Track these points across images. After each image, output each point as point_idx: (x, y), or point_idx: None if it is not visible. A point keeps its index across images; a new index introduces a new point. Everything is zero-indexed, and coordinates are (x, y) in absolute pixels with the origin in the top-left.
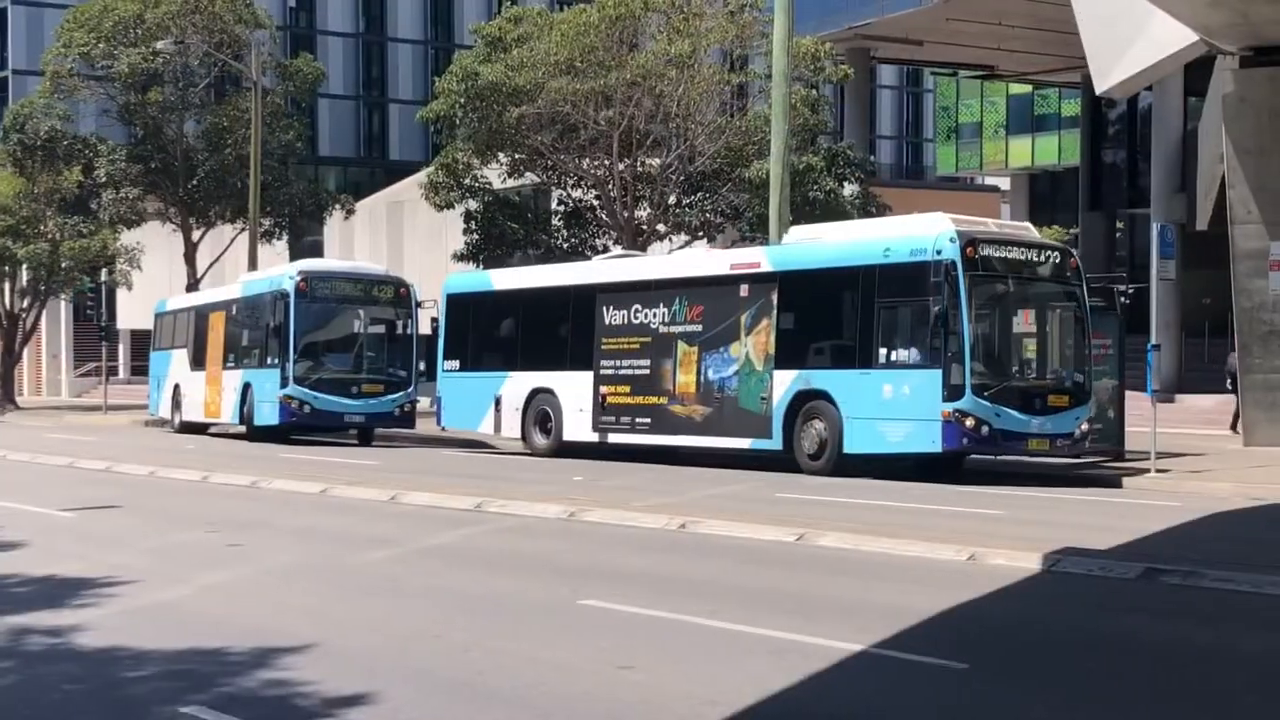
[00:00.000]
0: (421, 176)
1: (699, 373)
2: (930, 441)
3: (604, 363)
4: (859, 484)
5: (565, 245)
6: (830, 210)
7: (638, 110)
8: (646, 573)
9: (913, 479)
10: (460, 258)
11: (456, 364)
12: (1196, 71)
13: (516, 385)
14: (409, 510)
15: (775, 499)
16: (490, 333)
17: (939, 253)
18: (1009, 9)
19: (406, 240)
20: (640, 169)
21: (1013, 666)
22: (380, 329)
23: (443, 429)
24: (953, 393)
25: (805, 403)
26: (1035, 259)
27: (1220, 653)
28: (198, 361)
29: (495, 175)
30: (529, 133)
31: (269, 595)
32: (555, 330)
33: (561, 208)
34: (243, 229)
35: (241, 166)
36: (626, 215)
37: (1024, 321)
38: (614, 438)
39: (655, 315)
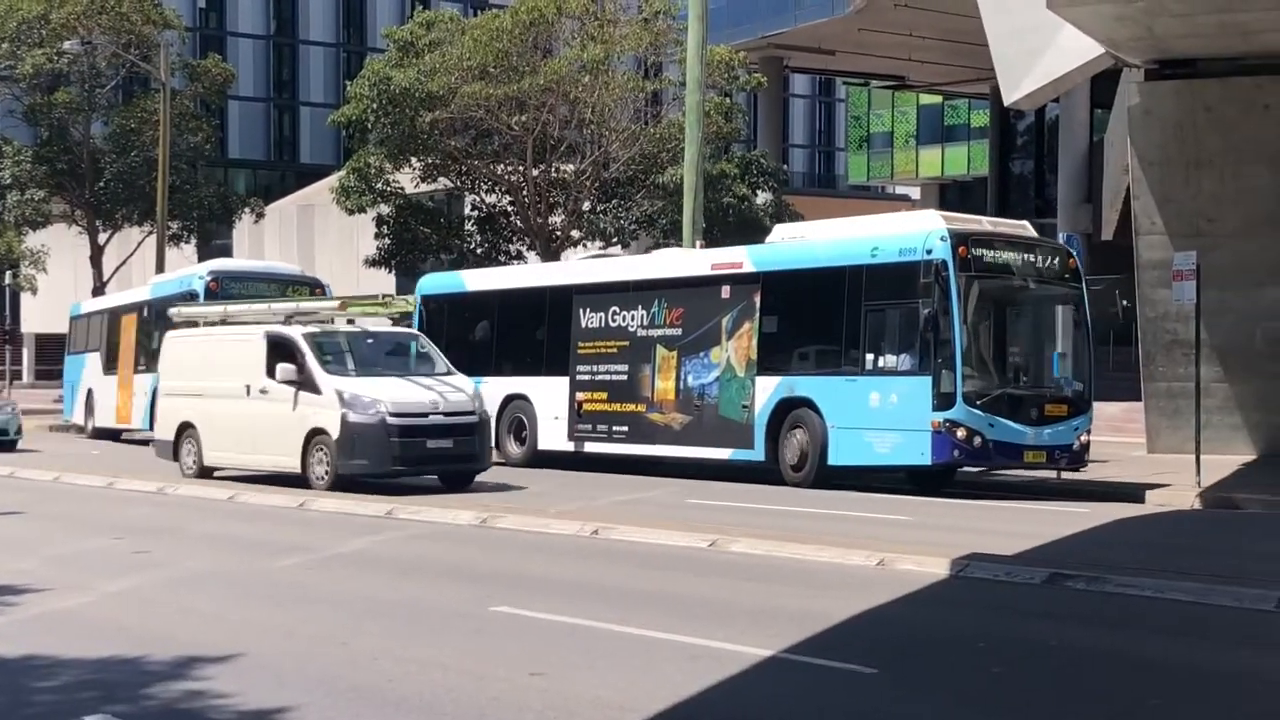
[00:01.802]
0: (333, 180)
1: (678, 379)
2: (919, 454)
3: (580, 368)
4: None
5: (479, 251)
6: (744, 218)
7: (552, 116)
8: (559, 579)
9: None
10: (372, 263)
11: None
12: (1103, 84)
13: (490, 391)
14: (319, 517)
15: (688, 505)
16: (464, 336)
17: (929, 252)
18: (919, 21)
19: (317, 244)
20: (554, 175)
21: (920, 671)
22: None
23: None
24: (943, 401)
25: (789, 411)
26: (1032, 259)
27: (1124, 657)
28: (110, 365)
29: (408, 180)
30: (442, 138)
31: (177, 602)
32: (530, 333)
33: (475, 213)
34: (150, 232)
35: (149, 169)
36: (540, 221)
37: (1020, 325)
38: (590, 447)
39: (633, 318)
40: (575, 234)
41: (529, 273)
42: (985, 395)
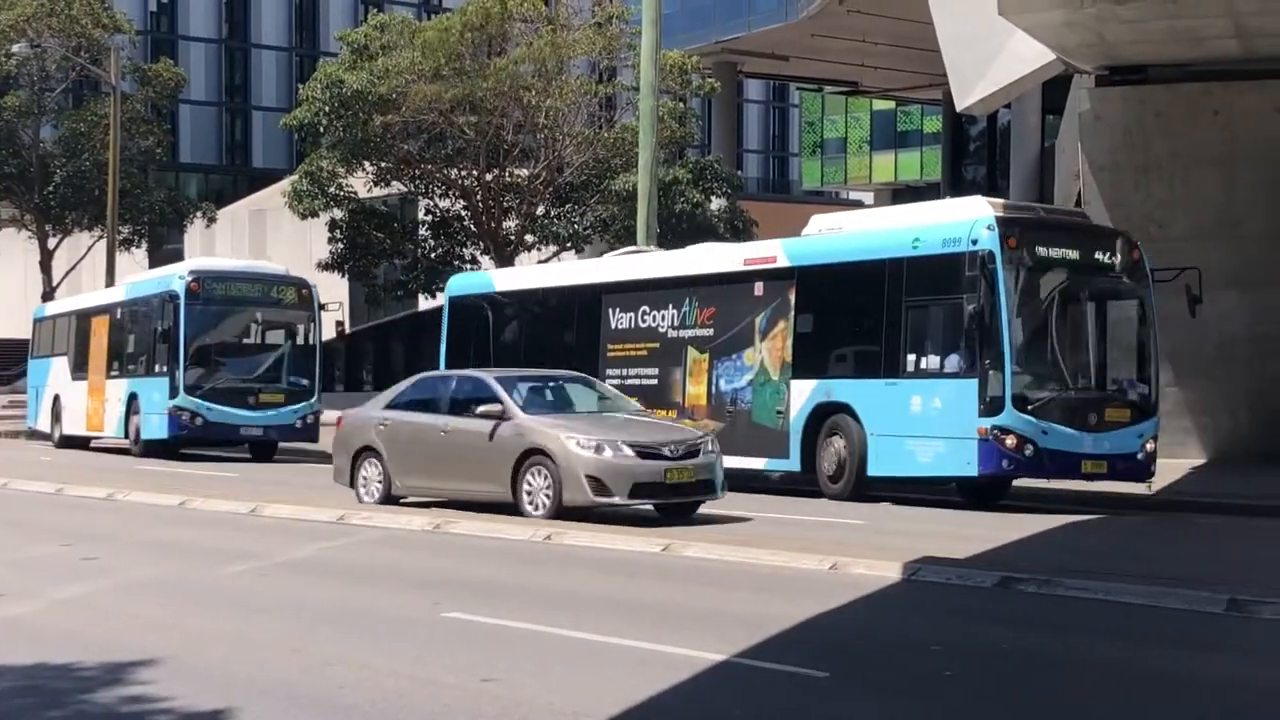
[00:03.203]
0: (285, 184)
1: (710, 383)
2: (965, 463)
3: (610, 371)
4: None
5: (433, 255)
6: (698, 223)
7: (505, 120)
8: (511, 584)
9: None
10: (325, 267)
11: None
12: (1054, 90)
13: None
14: (270, 523)
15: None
16: (493, 338)
17: (975, 242)
18: (872, 27)
19: (270, 249)
20: (508, 179)
21: (871, 674)
22: (280, 333)
23: None
24: (991, 406)
25: (826, 417)
26: (1090, 249)
27: (1075, 660)
28: (79, 370)
29: (361, 184)
30: (395, 141)
31: (126, 609)
32: (559, 335)
33: (429, 217)
34: (101, 236)
35: (100, 173)
36: (494, 226)
37: (1077, 322)
38: None
39: (663, 318)
40: (529, 239)
41: (557, 271)
42: (1037, 399)
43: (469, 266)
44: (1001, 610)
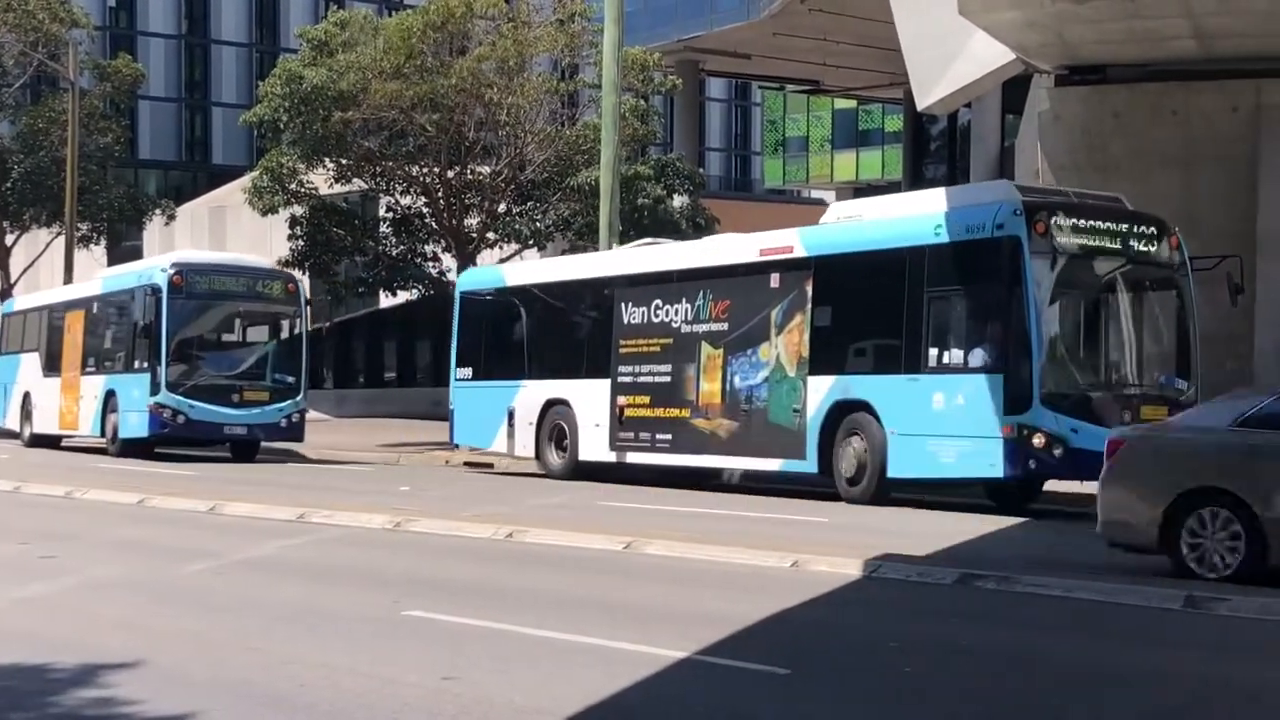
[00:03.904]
0: (245, 181)
1: (725, 380)
2: (989, 465)
3: (622, 369)
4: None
5: (394, 252)
6: (659, 220)
7: (466, 117)
8: (473, 582)
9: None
10: (285, 264)
11: (469, 372)
12: (1014, 90)
13: (530, 396)
14: (230, 521)
15: (603, 507)
16: (503, 335)
17: (1000, 228)
18: (834, 26)
19: (230, 246)
20: (469, 177)
21: (832, 671)
22: (265, 329)
23: (455, 447)
24: (1017, 404)
25: (844, 415)
26: (1125, 235)
27: (1033, 656)
28: (51, 366)
29: (322, 181)
30: (356, 138)
31: (85, 609)
32: (570, 332)
33: (390, 215)
34: (59, 233)
35: (58, 169)
36: (455, 223)
37: (1111, 314)
38: (632, 457)
39: (676, 312)
40: (491, 236)
41: (569, 265)
42: (1068, 396)
43: (430, 264)
44: (961, 607)
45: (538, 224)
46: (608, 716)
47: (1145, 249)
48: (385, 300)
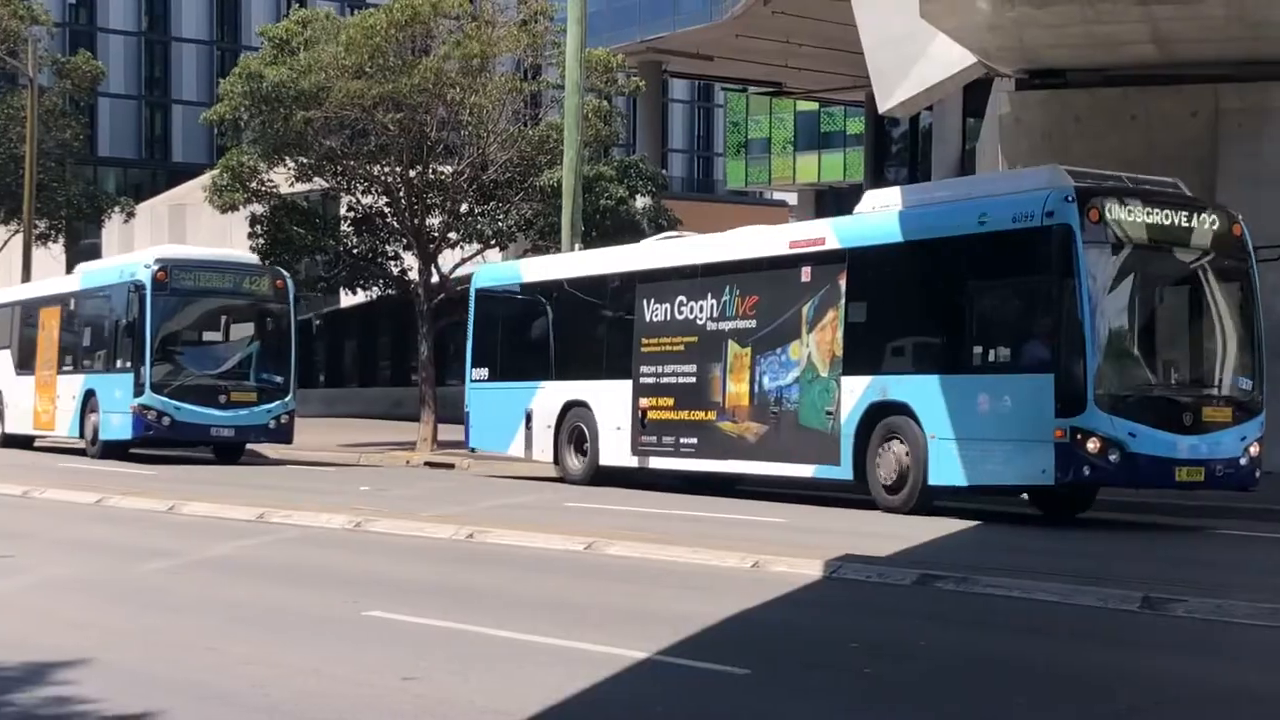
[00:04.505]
0: (205, 179)
1: (753, 381)
2: (1039, 470)
3: (644, 369)
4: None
5: (355, 251)
6: (622, 221)
7: (429, 117)
8: (433, 583)
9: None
10: None
11: (484, 373)
12: (975, 93)
13: (548, 397)
14: (188, 521)
15: (565, 508)
16: (520, 334)
17: (1050, 215)
18: (797, 28)
19: (189, 244)
20: (431, 176)
21: (792, 671)
22: (253, 327)
23: (471, 450)
24: (1069, 405)
25: (881, 418)
26: (1185, 224)
27: (992, 656)
28: (25, 364)
29: (282, 179)
30: (317, 137)
31: (40, 608)
32: (591, 330)
33: (351, 214)
34: (17, 231)
35: (16, 166)
36: (417, 223)
37: (1170, 308)
38: (655, 462)
39: (701, 309)
40: (453, 236)
41: (588, 260)
42: (1125, 397)
43: (392, 263)
44: (920, 607)
45: (500, 224)
46: (568, 717)
47: (1206, 237)
48: (345, 299)
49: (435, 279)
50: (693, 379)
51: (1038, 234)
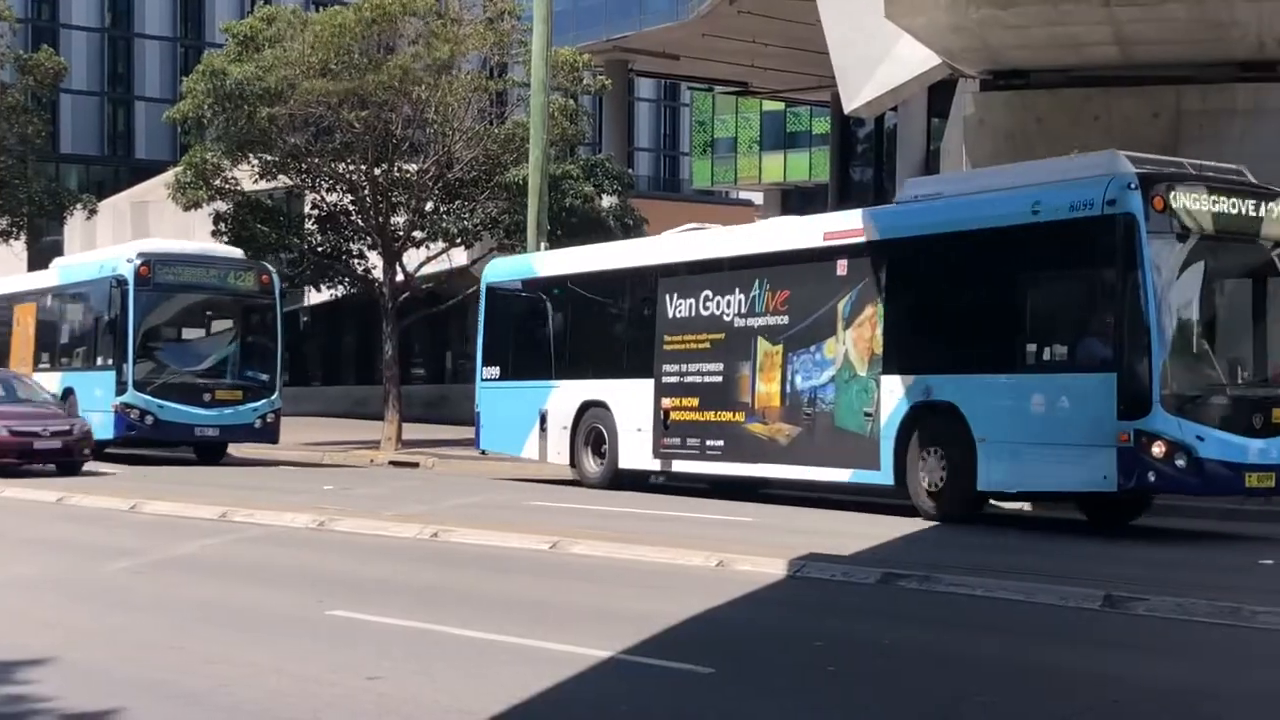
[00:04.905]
0: (168, 176)
1: (784, 380)
2: (1100, 476)
3: (667, 368)
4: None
5: (319, 249)
6: (588, 220)
7: (394, 115)
8: (398, 582)
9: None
10: None
11: (496, 371)
12: (940, 94)
13: (564, 397)
14: (151, 520)
15: (530, 507)
16: (534, 331)
17: (1112, 204)
18: (763, 28)
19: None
20: (396, 174)
21: (756, 670)
22: (239, 324)
23: (482, 452)
24: (1133, 407)
25: (924, 420)
26: (1254, 212)
27: (954, 654)
28: None
29: (246, 177)
30: (281, 134)
31: (3, 608)
32: (609, 326)
33: (315, 212)
34: None
35: None
36: (381, 221)
37: (1240, 303)
38: (679, 465)
39: (728, 304)
40: (418, 234)
41: (608, 253)
42: (1193, 398)
43: (356, 261)
44: (883, 606)
45: (465, 223)
46: (530, 716)
47: (1277, 226)
48: (310, 298)
49: (400, 277)
50: (719, 378)
51: (1098, 223)
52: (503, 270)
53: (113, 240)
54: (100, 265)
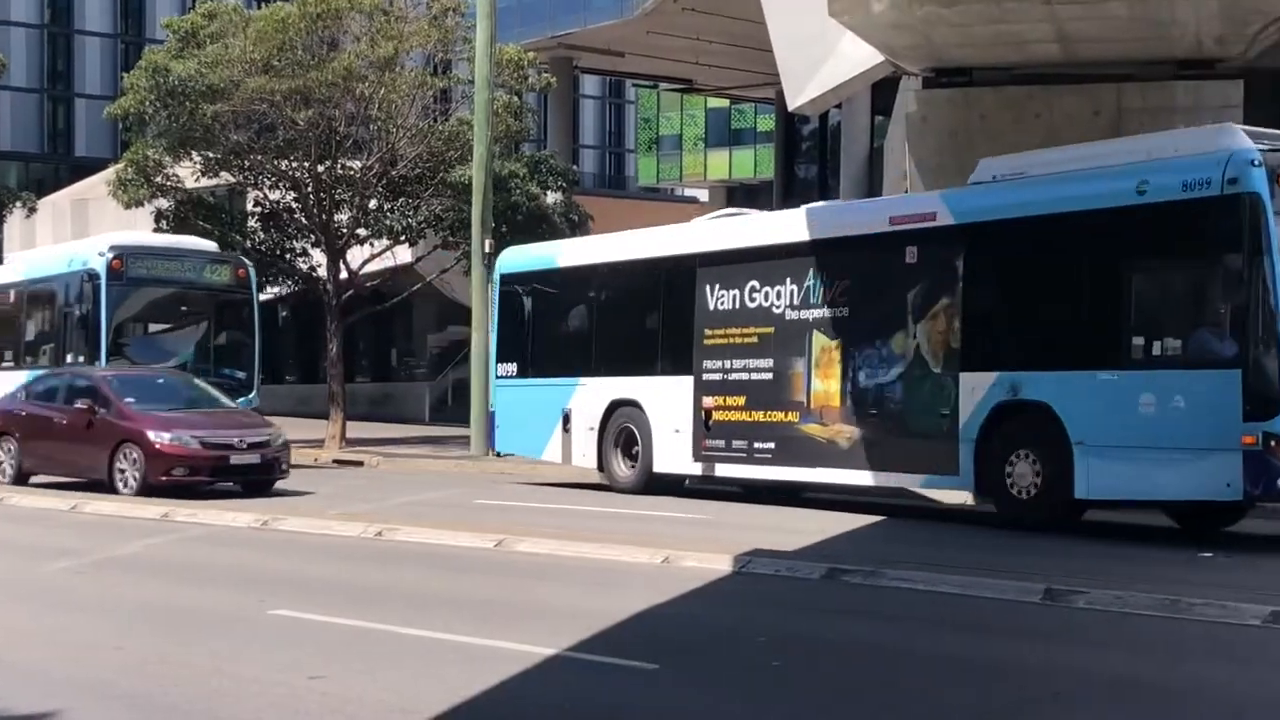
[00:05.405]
0: (109, 174)
1: (845, 377)
2: (1222, 484)
3: (708, 364)
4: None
5: (262, 247)
6: (533, 216)
7: (338, 112)
8: (341, 581)
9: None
10: None
11: (513, 368)
12: (883, 91)
13: (590, 396)
14: (92, 520)
15: (476, 505)
16: (557, 326)
17: (1233, 183)
18: (707, 25)
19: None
20: (340, 172)
21: (700, 665)
22: (215, 319)
23: (497, 454)
24: (1261, 406)
25: (1011, 420)
26: None
27: (897, 648)
28: None
29: (188, 174)
30: (224, 131)
31: None
32: (641, 320)
33: (258, 209)
34: None
35: None
36: (325, 218)
37: None
38: (723, 469)
39: (779, 295)
40: (361, 232)
41: (639, 241)
42: None
43: (300, 259)
44: (828, 601)
45: (409, 220)
46: (475, 714)
47: None
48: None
49: (344, 275)
50: (769, 375)
51: (1216, 204)
52: (520, 260)
53: (53, 239)
54: (69, 259)
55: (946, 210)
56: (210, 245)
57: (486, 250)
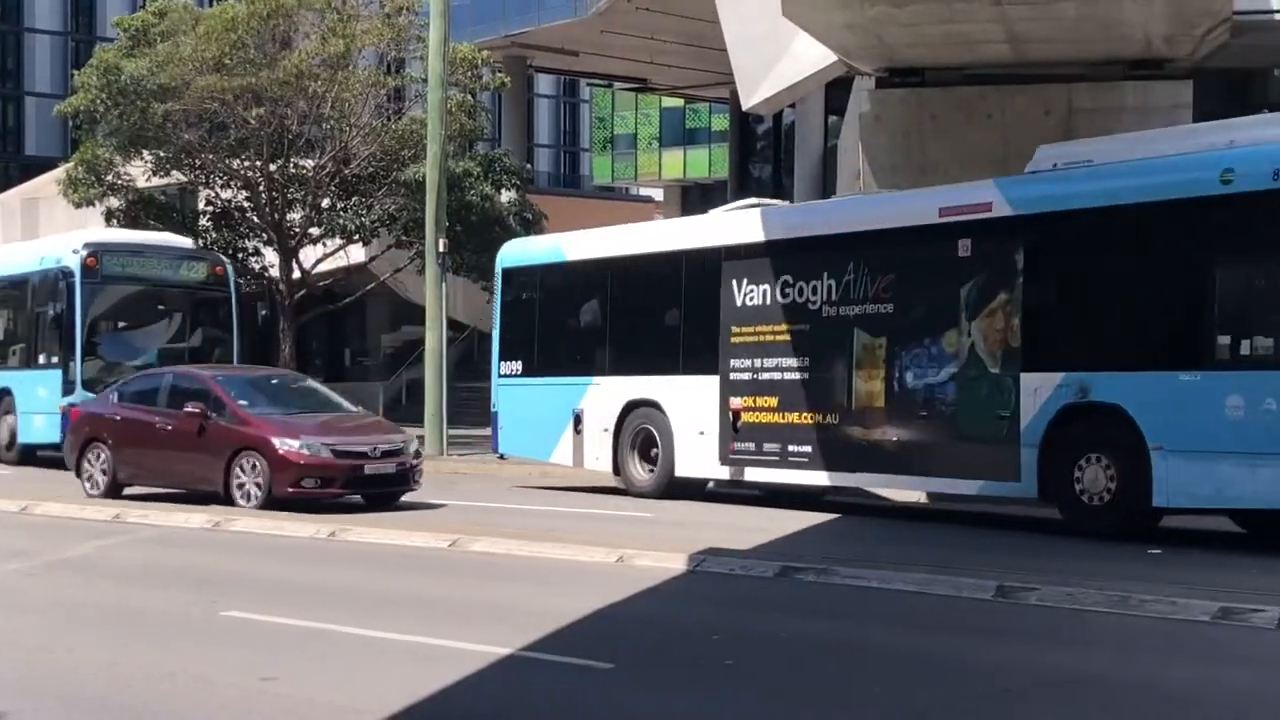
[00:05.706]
0: (60, 172)
1: (890, 378)
2: None
3: (735, 363)
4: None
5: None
6: (487, 216)
7: (290, 110)
8: (294, 582)
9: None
10: None
11: (518, 367)
12: (837, 91)
13: (604, 396)
14: (43, 521)
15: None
16: (566, 322)
17: None
18: (661, 25)
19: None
20: (293, 171)
21: (655, 664)
22: (191, 317)
23: (500, 456)
24: None
25: (1079, 424)
26: None
27: (850, 646)
28: None
29: (140, 173)
30: (175, 130)
31: None
32: (660, 316)
33: (210, 208)
34: None
35: None
36: (277, 218)
37: None
38: (753, 474)
39: (815, 290)
40: (314, 231)
41: (656, 233)
42: None
43: (252, 259)
44: (781, 599)
45: (363, 219)
46: (429, 715)
47: None
48: None
49: (296, 274)
50: (804, 374)
51: None
52: (525, 253)
53: (2, 238)
54: (41, 256)
55: (1003, 200)
56: (186, 242)
57: (440, 249)
